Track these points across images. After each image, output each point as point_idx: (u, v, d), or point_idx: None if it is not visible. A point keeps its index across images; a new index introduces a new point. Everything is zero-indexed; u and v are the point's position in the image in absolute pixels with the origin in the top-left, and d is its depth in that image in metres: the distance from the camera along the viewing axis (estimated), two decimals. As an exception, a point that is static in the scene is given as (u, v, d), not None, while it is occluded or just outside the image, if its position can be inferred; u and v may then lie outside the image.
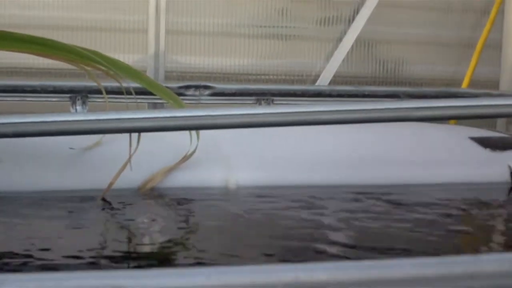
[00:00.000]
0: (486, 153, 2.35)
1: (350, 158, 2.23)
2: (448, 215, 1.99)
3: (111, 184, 1.99)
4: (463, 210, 2.07)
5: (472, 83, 4.07)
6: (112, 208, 1.99)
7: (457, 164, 2.29)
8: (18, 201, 1.97)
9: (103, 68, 2.12)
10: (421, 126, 2.49)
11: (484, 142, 2.39)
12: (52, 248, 1.65)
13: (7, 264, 1.53)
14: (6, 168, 2.06)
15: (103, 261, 1.57)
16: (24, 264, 1.54)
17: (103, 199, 1.98)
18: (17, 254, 1.61)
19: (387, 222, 1.88)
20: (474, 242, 1.84)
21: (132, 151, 1.99)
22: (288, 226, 1.85)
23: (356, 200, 2.06)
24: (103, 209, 1.97)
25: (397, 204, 2.02)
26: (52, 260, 1.57)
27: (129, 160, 1.99)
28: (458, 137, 2.48)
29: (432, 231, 1.83)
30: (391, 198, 2.07)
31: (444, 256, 0.91)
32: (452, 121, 3.13)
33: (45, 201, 1.98)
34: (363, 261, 0.91)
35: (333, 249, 1.69)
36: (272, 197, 2.06)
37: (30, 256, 1.59)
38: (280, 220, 1.89)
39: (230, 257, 1.61)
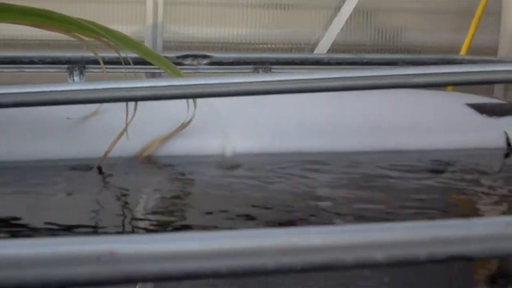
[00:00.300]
0: (482, 119, 2.35)
1: (347, 125, 2.24)
2: (444, 181, 2.00)
3: (107, 152, 1.99)
4: (459, 175, 2.09)
5: (470, 51, 4.07)
6: (107, 176, 2.00)
7: (453, 130, 2.30)
8: (16, 170, 1.99)
9: (101, 38, 2.12)
10: (418, 92, 2.49)
11: (480, 108, 2.40)
12: (47, 215, 1.67)
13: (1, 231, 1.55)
14: (5, 137, 2.07)
15: (97, 228, 1.59)
16: (18, 231, 1.56)
17: (99, 167, 1.99)
18: (10, 221, 1.62)
19: (382, 188, 1.90)
20: (468, 207, 1.85)
21: (129, 120, 1.99)
22: (283, 192, 1.86)
23: (353, 166, 2.07)
24: (99, 176, 1.98)
25: (393, 170, 2.03)
26: (46, 226, 1.59)
27: (125, 128, 2.00)
28: (454, 103, 2.48)
29: (426, 197, 1.85)
30: (387, 164, 2.08)
31: (436, 220, 0.92)
32: (449, 88, 3.13)
33: (43, 169, 1.99)
34: (355, 225, 0.92)
35: (327, 214, 1.70)
36: (269, 164, 2.07)
37: (24, 226, 1.61)
38: (275, 186, 1.90)
39: (223, 222, 1.63)
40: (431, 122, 2.31)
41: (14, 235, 1.51)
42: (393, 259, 0.89)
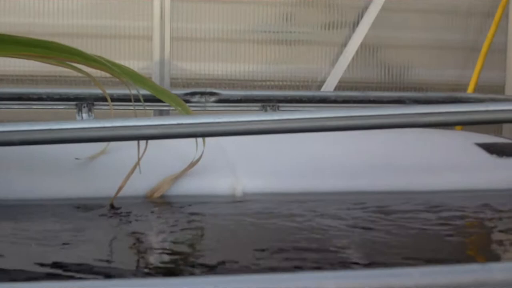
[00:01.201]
0: (492, 159, 2.34)
1: (356, 165, 2.22)
2: (455, 223, 1.98)
3: (120, 188, 1.99)
4: (471, 216, 2.06)
5: (477, 88, 4.07)
6: (120, 216, 1.98)
7: (463, 171, 2.28)
8: (25, 209, 1.97)
9: (109, 71, 2.11)
10: (427, 132, 2.48)
11: (490, 148, 2.38)
12: (61, 256, 1.65)
13: (16, 271, 1.53)
14: (13, 176, 2.06)
15: (111, 270, 1.57)
16: (33, 272, 1.54)
17: (112, 206, 1.98)
18: (25, 262, 1.60)
19: (393, 230, 1.88)
20: (484, 250, 1.83)
21: (140, 158, 1.99)
22: (296, 233, 1.84)
23: (362, 207, 2.05)
24: (111, 216, 1.97)
25: (403, 211, 2.01)
26: (60, 268, 1.57)
27: (137, 164, 1.99)
28: (464, 143, 2.47)
29: (440, 239, 1.82)
30: (396, 206, 2.06)
31: (453, 265, 0.91)
32: (458, 126, 3.12)
33: (52, 209, 1.98)
34: (372, 270, 0.91)
35: (341, 258, 1.68)
36: (278, 204, 2.05)
37: (40, 264, 1.59)
38: (287, 228, 1.88)
39: (237, 265, 1.61)
40: (441, 162, 2.29)
41: (25, 278, 1.49)
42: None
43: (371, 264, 1.60)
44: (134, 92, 2.22)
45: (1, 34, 2.05)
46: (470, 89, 4.07)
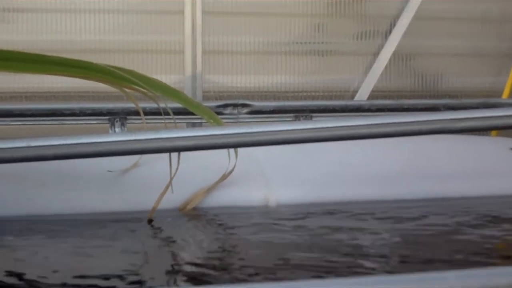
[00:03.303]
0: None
1: (391, 173, 2.20)
2: (493, 228, 1.96)
3: (155, 206, 1.99)
4: (506, 222, 2.04)
5: (512, 94, 4.02)
6: (157, 230, 1.98)
7: (500, 176, 2.25)
8: (60, 224, 1.98)
9: (138, 88, 2.11)
10: (462, 138, 2.45)
11: (526, 153, 2.36)
12: (100, 270, 1.65)
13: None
14: (47, 191, 2.07)
15: (150, 282, 1.56)
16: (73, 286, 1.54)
17: (150, 220, 1.98)
18: (65, 276, 1.61)
19: (432, 236, 1.85)
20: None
21: (173, 172, 1.98)
22: (332, 244, 1.82)
23: (398, 215, 2.03)
24: (150, 230, 1.97)
25: (440, 216, 1.99)
26: (100, 282, 1.57)
27: (170, 182, 1.99)
28: (500, 149, 2.44)
29: (479, 245, 1.80)
30: (433, 212, 2.04)
31: (488, 268, 0.89)
32: (494, 132, 3.09)
33: (86, 223, 1.98)
34: (407, 275, 0.89)
35: (376, 264, 1.66)
36: (312, 215, 2.04)
37: (79, 277, 1.59)
38: (322, 238, 1.86)
39: (271, 275, 1.59)
40: (477, 168, 2.26)
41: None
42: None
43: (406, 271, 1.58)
44: (166, 106, 2.21)
45: (37, 55, 2.06)
46: (505, 95, 4.02)
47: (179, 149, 1.89)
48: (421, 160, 2.28)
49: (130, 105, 2.50)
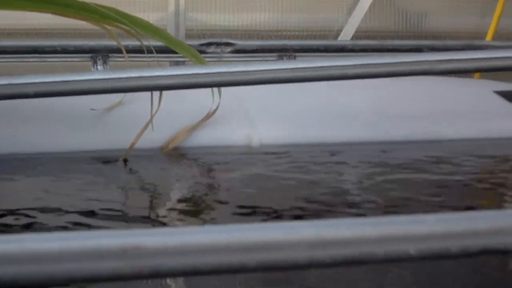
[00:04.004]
0: (511, 107, 2.31)
1: (373, 114, 2.21)
2: (473, 171, 1.97)
3: (132, 144, 1.98)
4: (488, 165, 2.05)
5: (496, 36, 4.01)
6: (134, 168, 1.98)
7: (481, 119, 2.25)
8: (39, 162, 1.97)
9: (121, 25, 2.10)
10: (444, 80, 2.45)
11: (509, 96, 2.36)
12: (73, 207, 1.66)
13: (29, 225, 1.54)
14: (28, 129, 2.06)
15: (123, 221, 1.57)
16: (44, 224, 1.55)
17: (125, 160, 1.97)
18: (35, 213, 1.61)
19: (410, 179, 1.87)
20: (501, 198, 1.82)
21: (154, 111, 1.97)
22: (311, 184, 1.83)
23: (379, 156, 2.04)
24: (126, 168, 1.97)
25: (420, 160, 2.00)
26: (71, 220, 1.58)
27: (151, 120, 1.98)
28: (482, 91, 2.44)
29: (456, 189, 1.81)
30: (413, 154, 2.04)
31: (469, 212, 0.89)
32: (477, 75, 3.09)
33: (67, 162, 1.98)
34: (387, 217, 0.90)
35: (356, 207, 1.68)
36: (293, 155, 2.04)
37: (45, 214, 1.60)
38: (301, 178, 1.87)
39: (250, 216, 1.60)
40: (459, 110, 2.27)
41: (36, 229, 1.50)
42: (424, 252, 0.87)
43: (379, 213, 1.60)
44: (148, 44, 2.20)
45: None
46: (489, 36, 4.01)
47: (162, 88, 1.88)
48: (403, 101, 2.28)
49: (113, 42, 2.48)
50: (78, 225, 1.53)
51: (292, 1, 4.00)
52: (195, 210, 1.70)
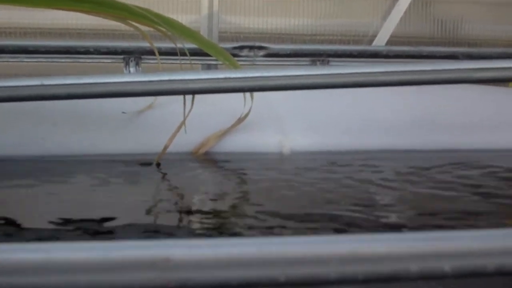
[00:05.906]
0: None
1: (409, 122, 2.18)
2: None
3: (165, 147, 1.97)
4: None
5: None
6: (166, 173, 1.97)
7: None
8: (72, 164, 1.97)
9: (155, 26, 2.08)
10: (482, 88, 2.42)
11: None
12: (105, 214, 1.64)
13: (57, 231, 1.52)
14: (60, 131, 2.06)
15: (153, 229, 1.56)
16: (74, 230, 1.53)
17: (158, 164, 1.96)
18: (66, 220, 1.60)
19: (451, 190, 1.83)
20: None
21: (186, 114, 1.96)
22: (346, 194, 1.80)
23: (417, 166, 2.00)
24: (157, 173, 1.95)
25: (458, 169, 1.97)
26: (102, 227, 1.56)
27: (183, 123, 1.97)
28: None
29: (498, 201, 1.78)
30: (451, 163, 2.01)
31: (507, 228, 0.87)
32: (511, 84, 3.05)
33: (98, 164, 1.97)
34: (422, 232, 0.87)
35: (391, 219, 1.65)
36: (326, 162, 2.02)
37: (81, 221, 1.58)
38: (336, 187, 1.84)
39: (283, 227, 1.58)
40: (497, 120, 2.23)
41: (66, 237, 1.48)
42: (459, 269, 0.84)
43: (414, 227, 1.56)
44: (181, 46, 2.18)
45: None
46: (525, 45, 3.97)
47: (193, 92, 1.87)
48: (440, 109, 2.25)
49: (145, 44, 2.47)
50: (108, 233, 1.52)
51: (326, 5, 3.98)
52: (226, 219, 1.67)
